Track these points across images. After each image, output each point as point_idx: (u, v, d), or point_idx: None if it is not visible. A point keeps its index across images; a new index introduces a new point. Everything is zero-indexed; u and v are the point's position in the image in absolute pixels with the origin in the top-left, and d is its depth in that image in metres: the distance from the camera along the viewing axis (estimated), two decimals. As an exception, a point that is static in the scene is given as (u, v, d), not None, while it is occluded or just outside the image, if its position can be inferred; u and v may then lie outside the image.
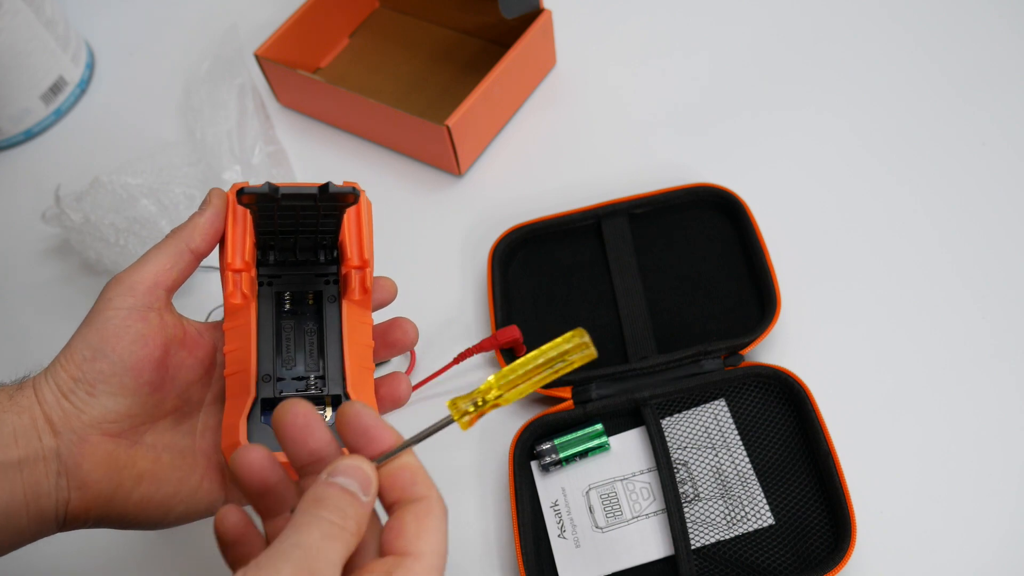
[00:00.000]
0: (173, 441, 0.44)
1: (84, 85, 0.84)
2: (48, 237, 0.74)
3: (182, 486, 0.43)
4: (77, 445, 0.41)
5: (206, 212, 0.45)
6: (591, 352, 0.37)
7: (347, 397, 0.44)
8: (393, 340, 0.49)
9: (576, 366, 0.37)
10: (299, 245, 0.46)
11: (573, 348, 0.37)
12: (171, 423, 0.44)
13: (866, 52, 0.73)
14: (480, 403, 0.37)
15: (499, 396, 0.37)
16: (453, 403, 0.37)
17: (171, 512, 0.43)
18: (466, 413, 0.37)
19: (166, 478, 0.42)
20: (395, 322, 0.49)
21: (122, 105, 0.83)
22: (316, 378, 0.46)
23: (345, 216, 0.45)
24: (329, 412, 0.45)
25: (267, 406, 0.44)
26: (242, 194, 0.40)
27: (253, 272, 0.45)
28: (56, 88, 0.81)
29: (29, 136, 0.82)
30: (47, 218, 0.68)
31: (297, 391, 0.45)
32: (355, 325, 0.46)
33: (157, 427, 0.43)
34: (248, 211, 0.45)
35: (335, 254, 0.47)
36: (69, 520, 0.41)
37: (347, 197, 0.41)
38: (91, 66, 0.86)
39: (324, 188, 0.40)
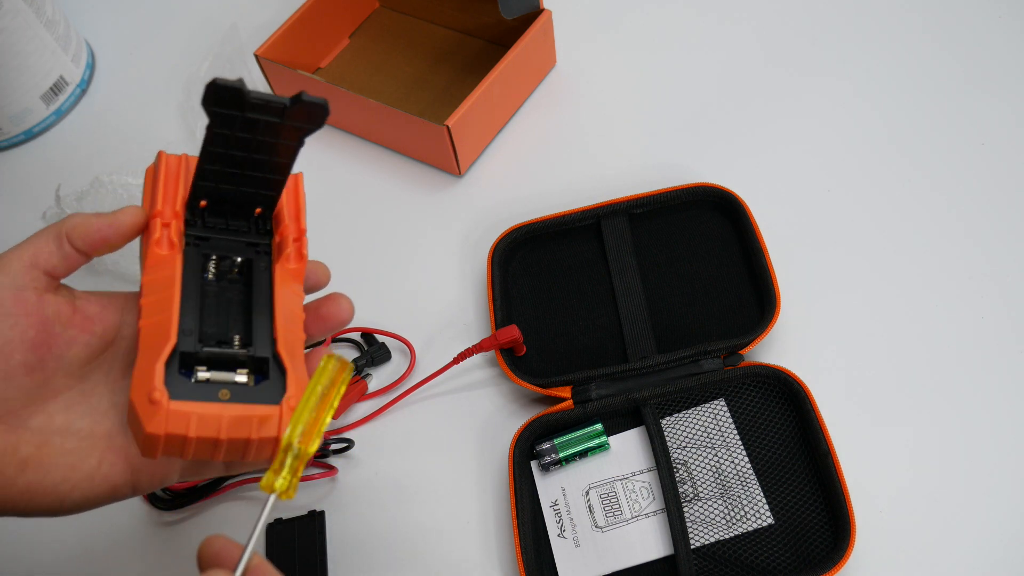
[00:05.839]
0: (66, 424, 0.40)
1: (84, 85, 0.84)
2: (48, 237, 0.74)
3: (74, 472, 0.39)
4: None
5: (104, 218, 0.41)
6: (347, 363, 0.38)
7: (276, 357, 0.41)
8: (326, 314, 0.45)
9: (346, 385, 0.38)
10: (237, 198, 0.43)
11: (335, 371, 0.38)
12: (63, 405, 0.41)
13: (866, 53, 0.73)
14: (293, 464, 0.37)
15: (303, 450, 0.37)
16: (267, 483, 0.37)
17: (65, 499, 0.39)
18: (285, 480, 0.37)
19: (54, 464, 0.39)
20: (330, 296, 0.45)
21: (122, 105, 0.83)
22: (242, 341, 0.41)
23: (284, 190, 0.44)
24: (244, 376, 0.41)
25: (186, 363, 0.39)
26: (213, 85, 0.37)
27: (182, 227, 0.42)
28: (56, 88, 0.81)
29: (29, 136, 0.82)
30: (47, 218, 0.68)
31: (219, 344, 0.41)
32: (286, 293, 0.43)
33: (46, 409, 0.40)
34: (181, 166, 0.43)
35: (268, 226, 0.44)
36: None
37: (317, 111, 0.38)
38: (91, 66, 0.86)
39: (297, 98, 0.38)
